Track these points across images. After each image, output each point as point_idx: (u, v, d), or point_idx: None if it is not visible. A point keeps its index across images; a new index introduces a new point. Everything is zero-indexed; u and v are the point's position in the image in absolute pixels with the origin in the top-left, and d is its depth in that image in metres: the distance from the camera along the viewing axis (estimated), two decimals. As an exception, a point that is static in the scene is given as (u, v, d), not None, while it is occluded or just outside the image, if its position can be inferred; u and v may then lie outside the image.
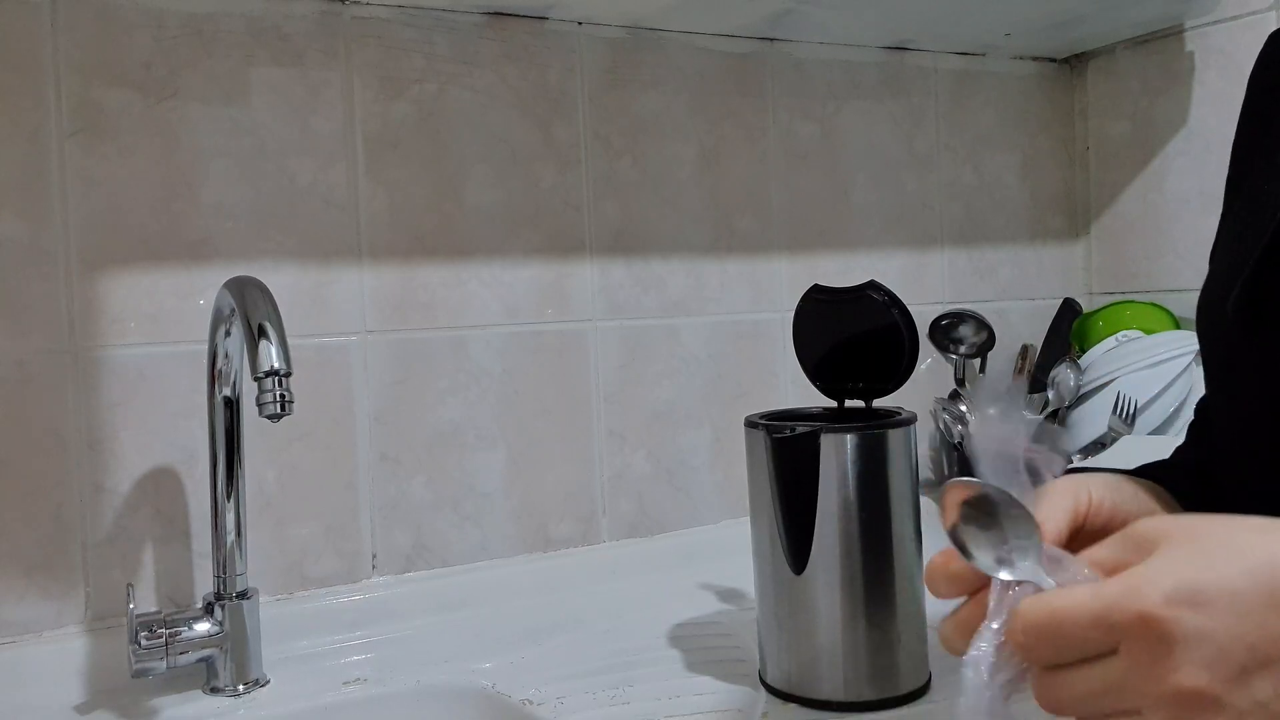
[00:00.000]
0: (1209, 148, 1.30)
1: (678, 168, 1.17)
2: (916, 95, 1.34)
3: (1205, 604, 0.36)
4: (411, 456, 1.02)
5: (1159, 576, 0.37)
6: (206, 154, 0.94)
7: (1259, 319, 0.51)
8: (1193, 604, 0.36)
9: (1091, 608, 0.38)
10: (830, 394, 0.86)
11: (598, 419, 1.13)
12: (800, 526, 0.77)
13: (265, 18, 0.96)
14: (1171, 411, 1.18)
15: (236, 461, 0.84)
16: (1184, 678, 0.36)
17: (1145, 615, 0.37)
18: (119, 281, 0.90)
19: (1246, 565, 0.37)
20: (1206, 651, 0.36)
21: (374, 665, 0.90)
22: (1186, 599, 0.36)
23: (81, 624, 0.88)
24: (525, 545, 1.08)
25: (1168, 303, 1.35)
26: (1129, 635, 0.37)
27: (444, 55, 1.04)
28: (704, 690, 0.81)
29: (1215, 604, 0.36)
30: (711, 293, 1.20)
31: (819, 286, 0.87)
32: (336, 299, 0.99)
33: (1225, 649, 0.36)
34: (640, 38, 1.15)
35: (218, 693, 0.83)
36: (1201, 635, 0.36)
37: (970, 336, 1.33)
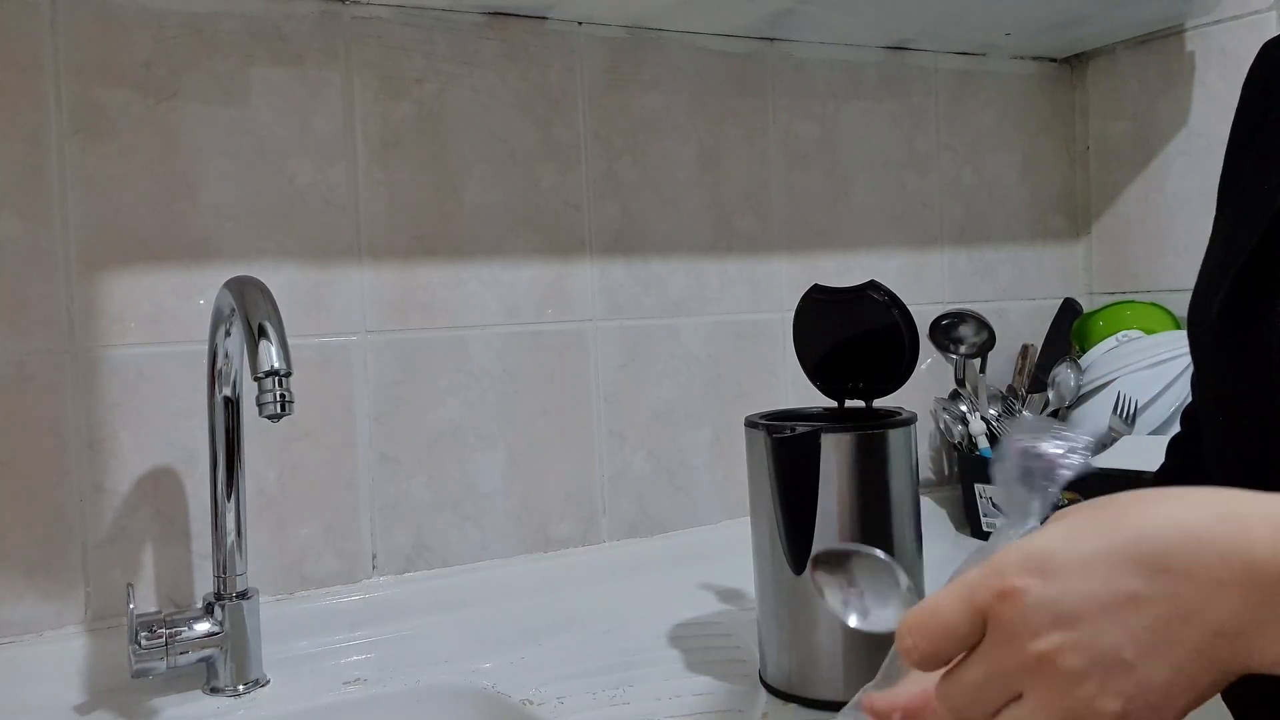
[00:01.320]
0: (1209, 148, 1.30)
1: (678, 168, 1.17)
2: (917, 95, 1.34)
3: (1054, 570, 0.37)
4: (411, 456, 1.02)
5: (1014, 551, 0.38)
6: (206, 154, 0.94)
7: (1244, 322, 0.51)
8: (1041, 572, 0.37)
9: (958, 592, 0.39)
10: (830, 394, 0.86)
11: (598, 419, 1.12)
12: (800, 526, 0.77)
13: (265, 18, 0.96)
14: (1172, 411, 1.18)
15: (236, 461, 0.84)
16: (1041, 644, 0.36)
17: (999, 589, 0.37)
18: (119, 281, 0.90)
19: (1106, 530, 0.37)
20: (1050, 612, 0.36)
21: (374, 665, 0.90)
22: (1035, 568, 0.37)
23: (81, 624, 0.88)
24: (525, 545, 1.08)
25: (1168, 303, 1.34)
26: (990, 613, 0.38)
27: (444, 55, 1.04)
28: (704, 690, 0.81)
29: (1064, 570, 0.36)
30: (711, 293, 1.20)
31: (819, 286, 0.87)
32: (336, 299, 0.99)
33: (1075, 610, 0.36)
34: (640, 38, 1.15)
35: (218, 693, 0.83)
36: (1050, 599, 0.36)
37: (970, 336, 1.33)
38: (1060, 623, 0.36)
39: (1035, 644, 0.36)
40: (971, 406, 1.29)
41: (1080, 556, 0.37)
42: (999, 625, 0.37)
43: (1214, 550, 0.35)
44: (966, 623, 0.38)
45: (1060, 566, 0.37)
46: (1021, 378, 1.34)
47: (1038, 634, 0.36)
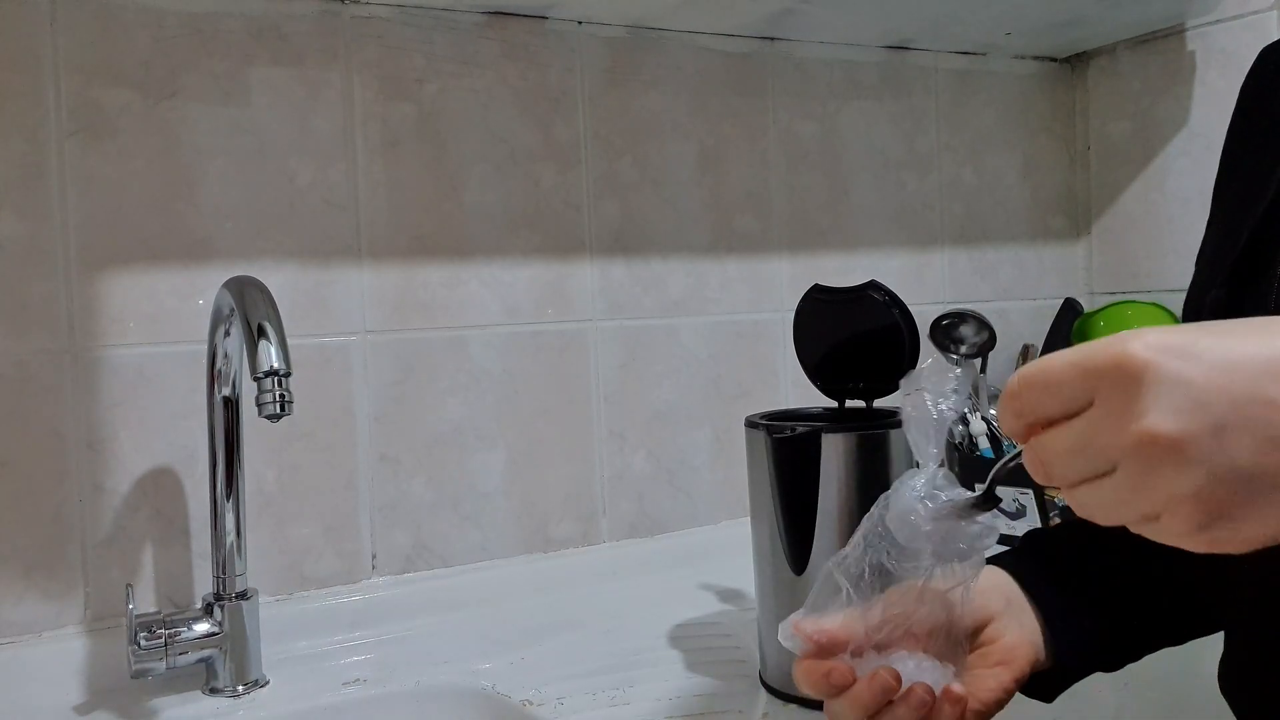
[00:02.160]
0: (1210, 147, 1.29)
1: (678, 167, 1.17)
2: (917, 95, 1.34)
3: (1191, 356, 0.34)
4: (411, 457, 1.02)
5: (1144, 331, 0.35)
6: (206, 154, 0.94)
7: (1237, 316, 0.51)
8: (1177, 354, 0.34)
9: (1073, 354, 0.37)
10: (831, 394, 0.86)
11: (598, 419, 1.12)
12: (801, 527, 0.77)
13: (265, 17, 0.96)
14: (1172, 411, 1.18)
15: (236, 461, 0.84)
16: (1151, 422, 0.33)
17: (1120, 355, 0.35)
18: (119, 281, 0.90)
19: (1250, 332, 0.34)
20: (1179, 398, 0.33)
21: (374, 666, 0.90)
22: (1172, 349, 0.34)
23: (81, 624, 0.88)
24: (525, 545, 1.08)
25: (1168, 302, 1.34)
26: (1103, 378, 0.35)
27: (444, 55, 1.04)
28: (704, 690, 0.81)
29: (1202, 357, 0.34)
30: (712, 293, 1.19)
31: (819, 286, 0.87)
32: (336, 299, 0.99)
33: (1203, 400, 0.33)
34: (640, 37, 1.15)
35: (217, 693, 0.83)
36: (1177, 380, 0.33)
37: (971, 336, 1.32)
38: (1189, 408, 0.33)
39: (1144, 420, 0.34)
40: (972, 407, 1.29)
41: (1221, 353, 0.34)
42: (1109, 390, 0.35)
43: None
44: (1076, 385, 0.36)
45: (1197, 354, 0.34)
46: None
47: (1147, 412, 0.34)
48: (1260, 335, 0.34)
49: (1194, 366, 0.34)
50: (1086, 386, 0.36)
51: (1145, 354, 0.34)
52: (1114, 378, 0.35)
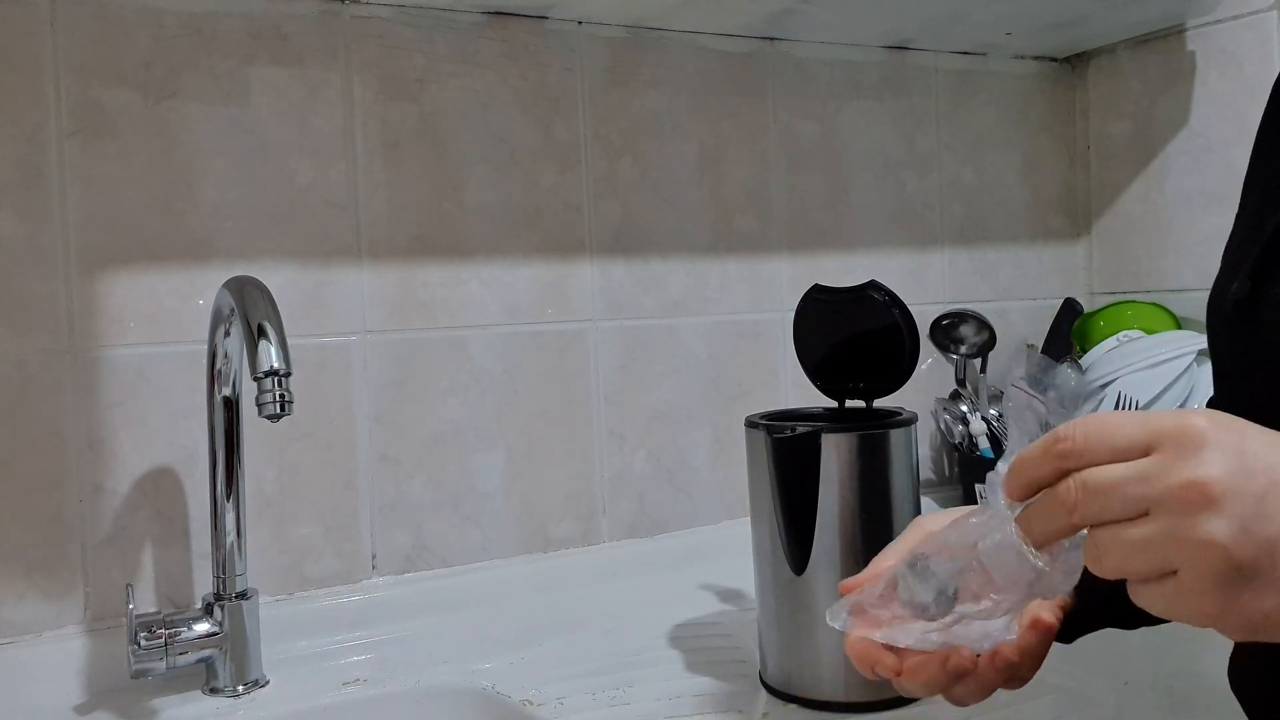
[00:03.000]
0: (1210, 147, 1.29)
1: (678, 167, 1.17)
2: (917, 95, 1.34)
3: (1245, 433, 0.38)
4: (411, 457, 1.02)
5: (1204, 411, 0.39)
6: (206, 154, 0.94)
7: (1259, 311, 0.51)
8: (1232, 429, 0.38)
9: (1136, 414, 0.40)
10: (831, 394, 0.86)
11: (598, 419, 1.12)
12: (801, 527, 0.77)
13: (265, 17, 0.96)
14: (1172, 411, 1.18)
15: (236, 461, 0.84)
16: (1203, 468, 0.37)
17: (1184, 421, 0.38)
18: (119, 281, 0.90)
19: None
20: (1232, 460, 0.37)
21: (374, 666, 0.90)
22: (1228, 425, 0.38)
23: (81, 624, 0.88)
24: (525, 545, 1.08)
25: (1169, 302, 1.34)
26: (1166, 435, 0.38)
27: (444, 55, 1.04)
28: (704, 690, 0.81)
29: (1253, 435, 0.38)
30: (712, 293, 1.19)
31: (819, 286, 0.87)
32: (336, 299, 0.99)
33: (1251, 468, 0.37)
34: (640, 37, 1.15)
35: (217, 693, 0.83)
36: (1232, 447, 0.37)
37: (971, 336, 1.33)
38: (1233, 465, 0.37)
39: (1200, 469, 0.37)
40: (972, 407, 1.29)
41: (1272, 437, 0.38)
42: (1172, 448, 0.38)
43: None
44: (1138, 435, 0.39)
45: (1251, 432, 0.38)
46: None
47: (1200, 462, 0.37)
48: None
49: (1247, 441, 0.38)
50: (1147, 441, 0.39)
51: (1205, 423, 0.38)
52: (1176, 435, 0.38)
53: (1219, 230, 1.29)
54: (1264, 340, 0.52)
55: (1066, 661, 0.76)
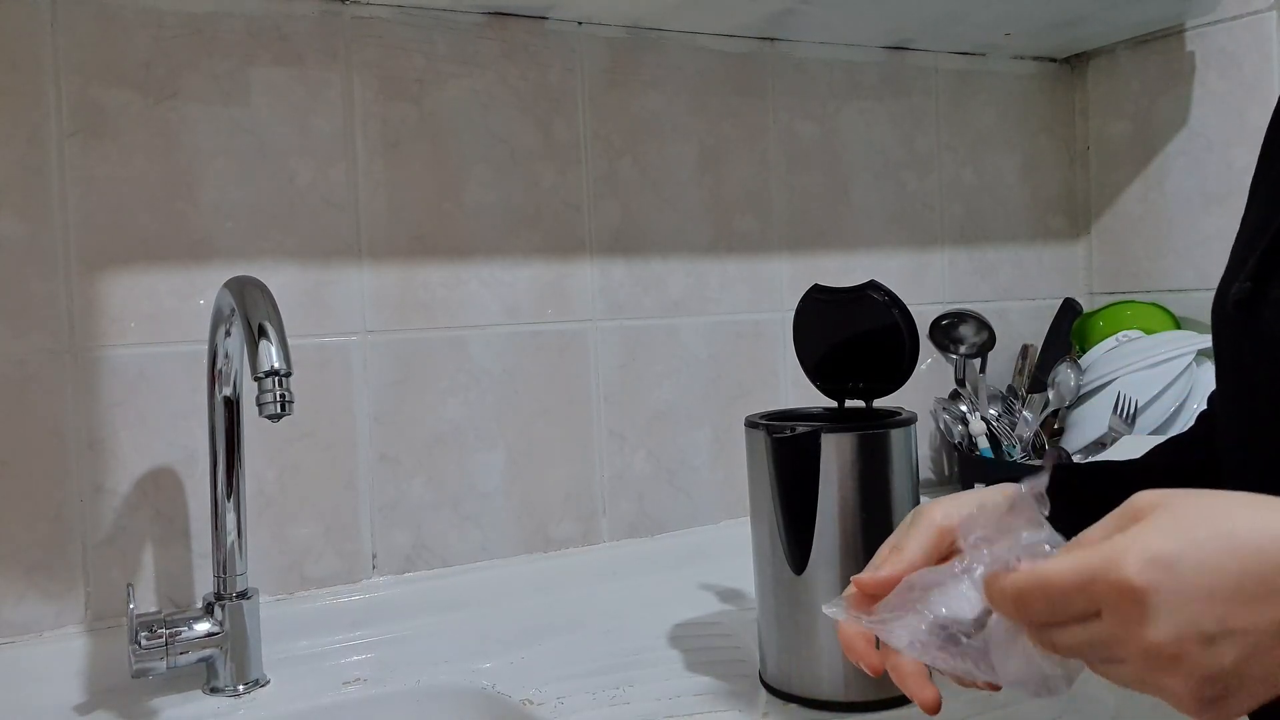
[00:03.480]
0: (1209, 148, 1.30)
1: (678, 168, 1.17)
2: (917, 95, 1.34)
3: (1179, 573, 0.39)
4: (411, 456, 1.02)
5: (1138, 545, 0.40)
6: (206, 154, 0.94)
7: (1260, 314, 0.52)
8: (1168, 571, 0.39)
9: (1075, 578, 0.42)
10: (830, 394, 0.86)
11: (598, 419, 1.12)
12: (800, 527, 0.77)
13: (265, 18, 0.96)
14: (1172, 411, 1.18)
15: (236, 461, 0.84)
16: (1154, 634, 0.40)
17: (1122, 583, 0.40)
18: (119, 281, 0.90)
19: (1226, 540, 0.40)
20: (1178, 618, 0.39)
21: (374, 665, 0.90)
22: (1163, 566, 0.40)
23: (81, 624, 0.88)
24: (525, 545, 1.08)
25: (1168, 303, 1.34)
26: (1108, 602, 0.41)
27: (444, 55, 1.04)
28: (704, 690, 0.81)
29: (1188, 574, 0.39)
30: (712, 293, 1.20)
31: (819, 286, 0.87)
32: (336, 299, 0.99)
33: (1195, 617, 0.39)
34: (640, 37, 1.15)
35: (218, 693, 0.83)
36: (1174, 602, 0.39)
37: (971, 336, 1.33)
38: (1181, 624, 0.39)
39: (1149, 634, 0.40)
40: (971, 406, 1.29)
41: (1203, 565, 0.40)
42: (1117, 612, 0.41)
43: None
44: (1081, 605, 0.42)
45: (1184, 572, 0.39)
46: (1021, 378, 1.34)
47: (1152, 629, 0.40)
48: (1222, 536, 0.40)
49: (1183, 585, 0.39)
50: (1092, 604, 0.42)
51: (1141, 579, 0.40)
52: (1116, 600, 0.40)
53: (1218, 230, 1.29)
54: (1264, 340, 0.52)
55: (1066, 661, 0.76)
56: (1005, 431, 1.27)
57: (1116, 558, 0.41)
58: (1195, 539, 0.40)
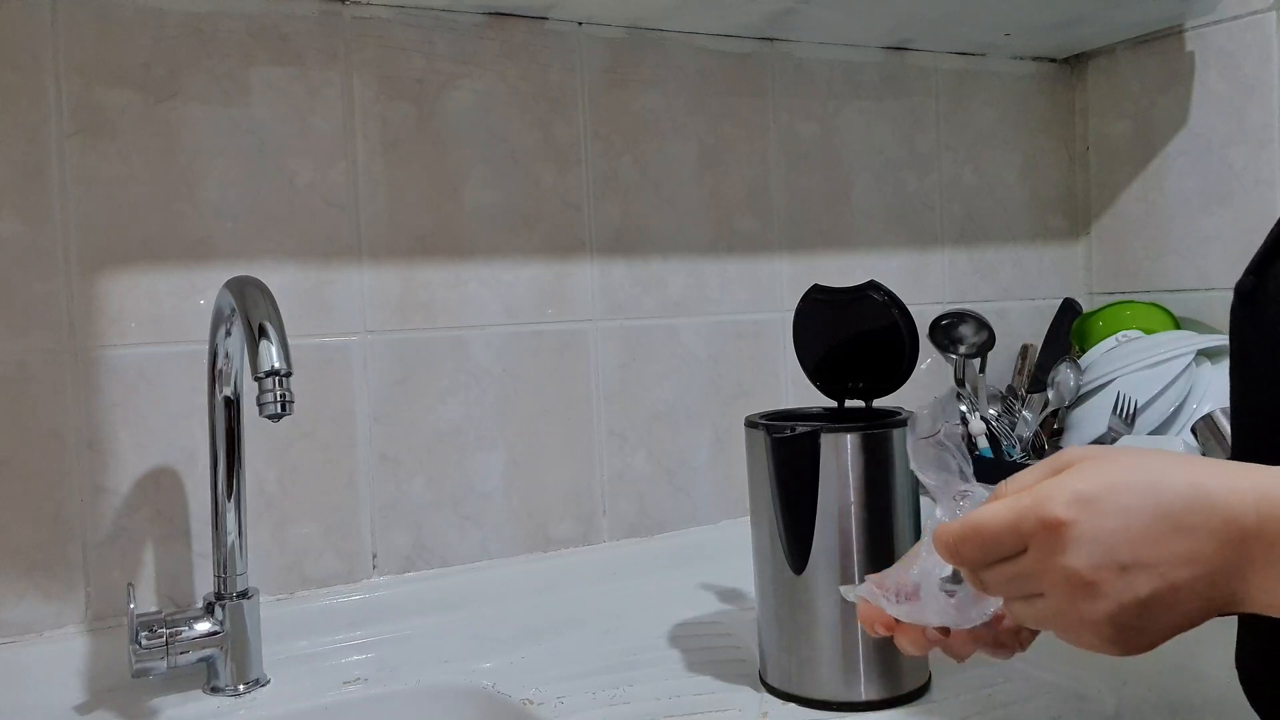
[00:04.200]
0: (1209, 148, 1.30)
1: (678, 167, 1.17)
2: (917, 95, 1.34)
3: (1099, 510, 0.44)
4: (411, 456, 1.02)
5: (1063, 487, 0.45)
6: (206, 154, 0.94)
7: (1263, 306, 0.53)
8: (1088, 507, 0.44)
9: (1006, 520, 0.46)
10: (830, 394, 0.86)
11: (598, 419, 1.13)
12: (800, 526, 0.77)
13: (265, 18, 0.96)
14: (1171, 411, 1.18)
15: (237, 461, 0.84)
16: (1074, 561, 0.44)
17: (1047, 518, 0.44)
18: (119, 281, 0.90)
19: (1145, 485, 0.44)
20: (1095, 547, 0.44)
21: (374, 665, 0.90)
22: (1084, 503, 0.44)
23: (82, 624, 0.88)
24: (525, 545, 1.08)
25: (1168, 303, 1.34)
26: (1034, 537, 0.45)
27: (444, 55, 1.04)
28: (704, 690, 0.81)
29: (1107, 510, 0.44)
30: (712, 293, 1.20)
31: (819, 286, 0.87)
32: (336, 299, 0.99)
33: (1111, 547, 0.43)
34: (640, 37, 1.15)
35: (218, 692, 0.83)
36: (1093, 533, 0.44)
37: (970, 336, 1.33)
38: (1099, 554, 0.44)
39: (1071, 562, 0.44)
40: (971, 406, 1.29)
41: (1122, 504, 0.44)
42: (1040, 543, 0.45)
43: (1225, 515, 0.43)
44: (1010, 542, 0.46)
45: (1105, 508, 0.44)
46: (1021, 378, 1.34)
47: (1071, 556, 0.44)
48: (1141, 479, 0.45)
49: (1103, 519, 0.44)
50: (1019, 542, 0.46)
51: (1065, 514, 0.44)
52: (1042, 535, 0.45)
53: (1218, 230, 1.29)
54: (1264, 332, 0.53)
55: (1066, 662, 0.76)
56: (1005, 431, 1.27)
57: (1044, 497, 0.45)
58: (1115, 483, 0.44)
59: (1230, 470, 0.44)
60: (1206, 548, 0.43)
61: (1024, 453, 1.25)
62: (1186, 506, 0.43)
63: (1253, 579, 0.43)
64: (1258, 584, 0.43)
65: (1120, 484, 0.44)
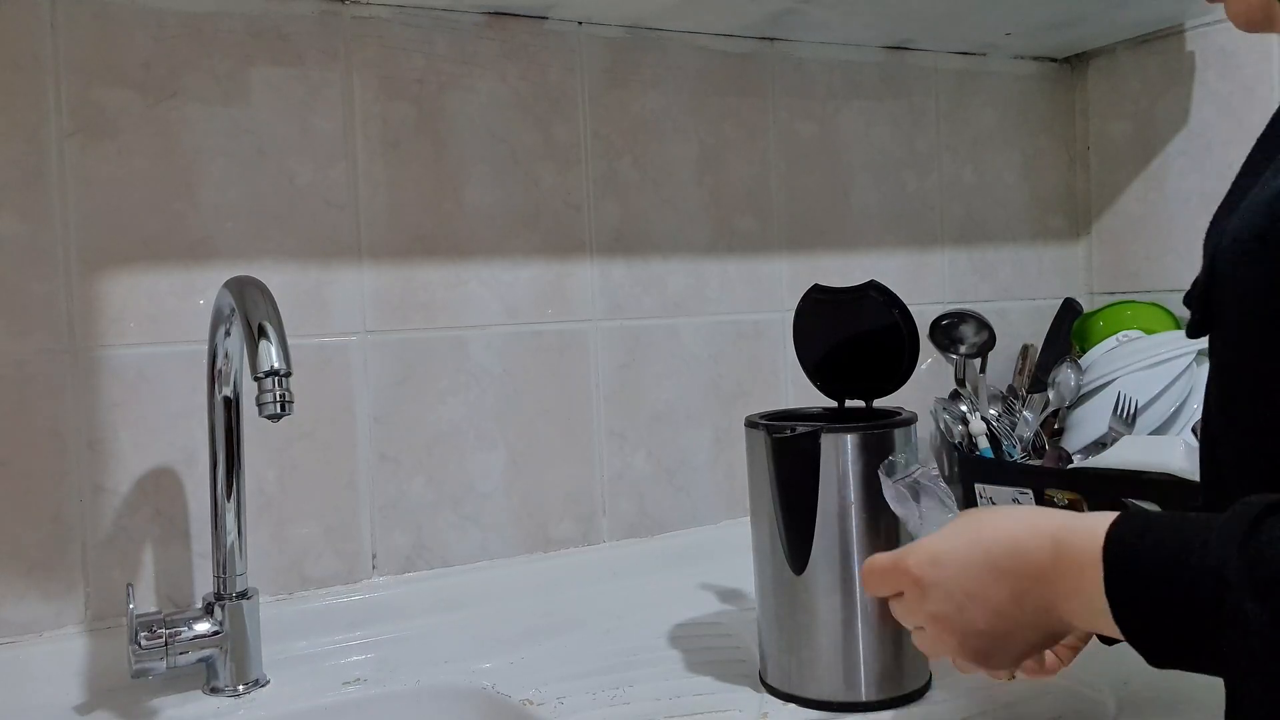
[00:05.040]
0: (1209, 148, 1.30)
1: (678, 167, 1.17)
2: (917, 95, 1.34)
3: (943, 565, 0.57)
4: (411, 456, 1.02)
5: (922, 548, 0.58)
6: (206, 154, 0.94)
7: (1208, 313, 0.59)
8: (935, 564, 0.57)
9: (885, 564, 0.61)
10: (830, 394, 0.86)
11: (598, 419, 1.12)
12: (800, 526, 0.77)
13: (265, 18, 0.96)
14: (1172, 412, 1.18)
15: (236, 461, 0.84)
16: (930, 607, 0.57)
17: (909, 572, 0.58)
18: (119, 281, 0.90)
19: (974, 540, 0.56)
20: (940, 593, 0.56)
21: (374, 665, 0.90)
22: (932, 561, 0.57)
23: (81, 624, 0.88)
24: (525, 545, 1.08)
25: (1168, 303, 1.34)
26: (904, 585, 0.59)
27: (444, 55, 1.04)
28: (704, 690, 0.81)
29: (949, 565, 0.56)
30: (712, 293, 1.20)
31: (819, 286, 0.87)
32: (336, 299, 0.99)
33: (951, 593, 0.56)
34: (640, 37, 1.15)
35: (218, 693, 0.83)
36: (938, 582, 0.57)
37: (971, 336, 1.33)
38: (943, 600, 0.56)
39: (929, 607, 0.57)
40: (971, 407, 1.29)
41: (958, 559, 0.56)
42: (910, 591, 0.59)
43: (1030, 558, 0.53)
44: (892, 585, 0.61)
45: (946, 564, 0.56)
46: (1022, 378, 1.34)
47: (928, 603, 0.57)
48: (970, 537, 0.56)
49: (943, 571, 0.56)
50: (897, 586, 0.60)
51: (917, 570, 0.58)
52: (908, 584, 0.59)
53: (1218, 230, 1.29)
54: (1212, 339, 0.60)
55: (1066, 661, 0.76)
56: (1005, 431, 1.27)
57: (907, 554, 0.59)
58: (956, 544, 0.56)
59: (1043, 517, 0.54)
60: (1021, 585, 0.53)
61: (1024, 453, 1.25)
62: (1004, 553, 0.54)
63: (1064, 607, 0.52)
64: (1069, 611, 0.52)
65: (960, 543, 0.56)
